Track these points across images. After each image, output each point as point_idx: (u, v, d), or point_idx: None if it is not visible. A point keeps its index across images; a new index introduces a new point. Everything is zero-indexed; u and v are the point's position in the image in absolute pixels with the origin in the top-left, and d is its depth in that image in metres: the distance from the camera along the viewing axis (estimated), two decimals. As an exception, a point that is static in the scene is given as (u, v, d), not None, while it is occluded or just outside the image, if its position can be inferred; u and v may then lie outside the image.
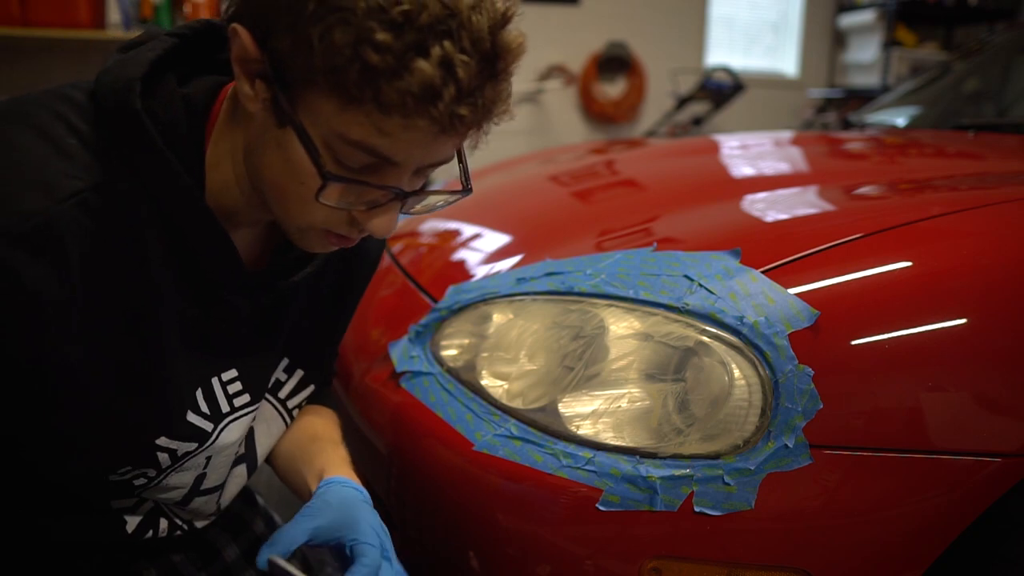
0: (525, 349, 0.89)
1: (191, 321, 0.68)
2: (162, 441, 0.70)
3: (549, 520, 0.80)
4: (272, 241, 0.77)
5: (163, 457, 0.71)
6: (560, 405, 0.83)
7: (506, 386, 0.88)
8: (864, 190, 1.16)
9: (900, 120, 2.03)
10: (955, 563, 0.83)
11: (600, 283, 0.89)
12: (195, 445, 0.72)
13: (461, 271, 1.13)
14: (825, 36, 5.15)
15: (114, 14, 3.03)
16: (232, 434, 0.76)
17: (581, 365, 0.85)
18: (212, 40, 0.68)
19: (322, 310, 0.85)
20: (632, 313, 0.86)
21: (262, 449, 0.84)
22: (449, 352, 0.94)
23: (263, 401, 0.82)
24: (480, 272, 1.09)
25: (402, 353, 0.95)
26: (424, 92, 0.54)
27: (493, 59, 0.57)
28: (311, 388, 0.87)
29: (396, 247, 1.38)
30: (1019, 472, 0.79)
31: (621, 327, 0.86)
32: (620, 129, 4.76)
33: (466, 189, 0.68)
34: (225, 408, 0.75)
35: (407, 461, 0.90)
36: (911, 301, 0.81)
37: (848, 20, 4.90)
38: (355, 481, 0.76)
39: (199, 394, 0.72)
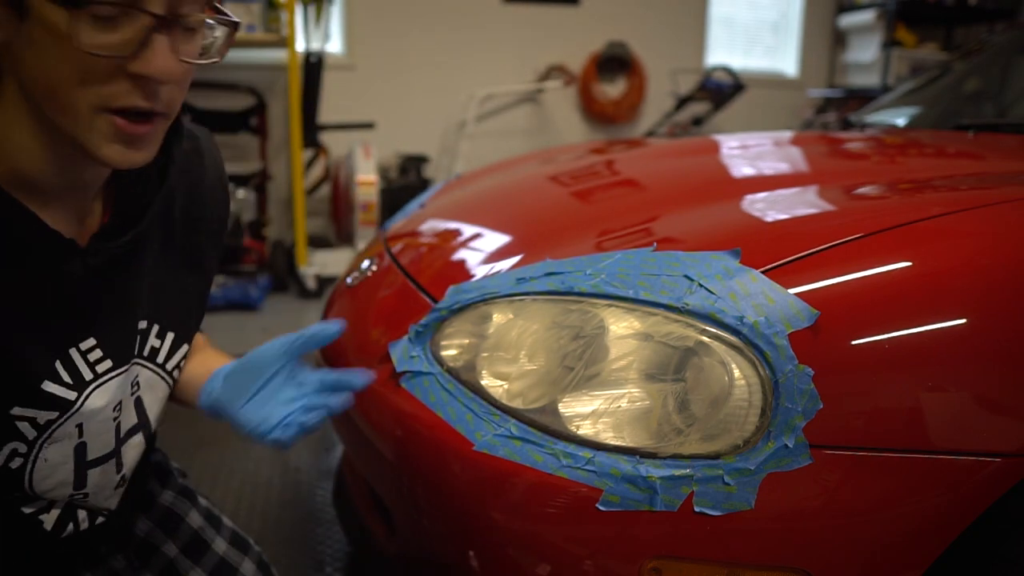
0: (525, 349, 0.89)
1: (31, 294, 0.69)
2: (16, 411, 0.70)
3: (549, 520, 0.80)
4: (108, 209, 0.77)
5: (24, 427, 0.71)
6: (560, 405, 0.83)
7: (506, 386, 0.88)
8: (864, 190, 1.16)
9: (900, 120, 2.02)
10: (955, 563, 0.83)
11: (600, 283, 0.89)
12: (56, 413, 0.73)
13: (461, 271, 1.13)
14: (825, 36, 5.15)
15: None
16: (99, 399, 0.76)
17: (581, 365, 0.85)
18: None
19: (178, 270, 0.85)
20: (632, 313, 0.86)
21: (153, 414, 0.87)
22: (449, 352, 0.94)
23: (144, 369, 0.83)
24: (480, 272, 1.09)
25: (402, 353, 0.95)
26: None
27: None
28: (186, 347, 0.88)
29: (396, 247, 1.38)
30: (1019, 472, 0.79)
31: (621, 327, 0.86)
32: (620, 129, 4.76)
33: (232, 24, 0.68)
34: (88, 376, 0.75)
35: (407, 461, 0.90)
36: (911, 301, 0.81)
37: (848, 20, 4.91)
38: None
39: (58, 364, 0.72)
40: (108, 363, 0.77)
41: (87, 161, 0.67)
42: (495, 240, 1.22)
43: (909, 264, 0.85)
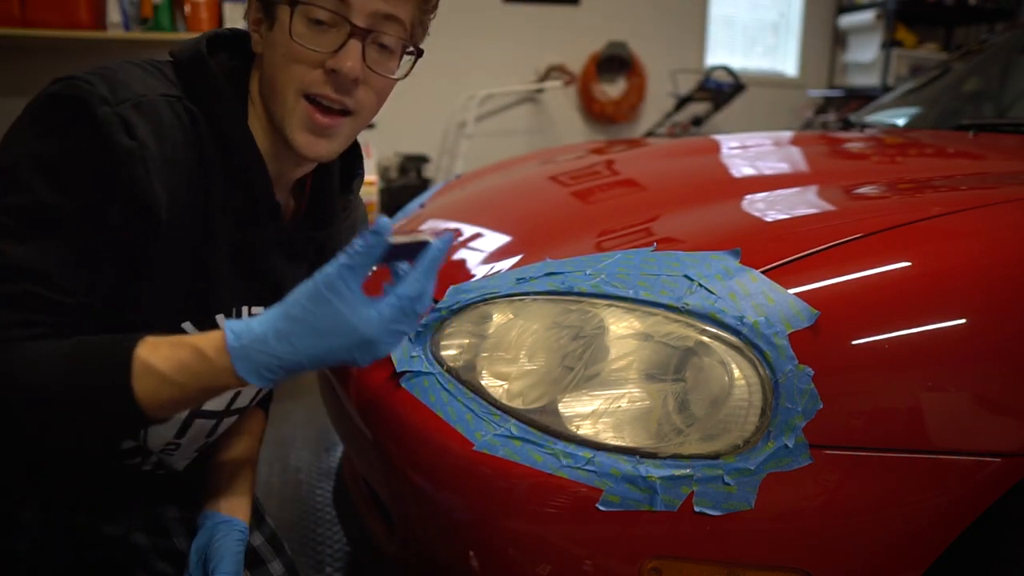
0: (525, 349, 0.89)
1: (240, 248, 0.86)
2: (187, 326, 0.84)
3: (549, 520, 0.80)
4: (301, 211, 0.96)
5: None
6: (560, 405, 0.83)
7: (506, 386, 0.88)
8: (864, 190, 1.16)
9: (900, 120, 2.02)
10: (955, 563, 0.83)
11: (600, 283, 0.89)
12: None
13: (461, 271, 1.13)
14: (825, 36, 5.15)
15: (114, 14, 3.03)
16: None
17: (581, 365, 0.85)
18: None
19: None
20: (632, 313, 0.86)
21: (250, 401, 0.99)
22: (449, 352, 0.94)
23: None
24: (480, 272, 1.09)
25: (402, 353, 0.95)
26: None
27: None
28: None
29: (396, 247, 1.38)
30: (1019, 472, 0.79)
31: (621, 327, 0.86)
32: (620, 129, 4.76)
33: (418, 52, 0.87)
34: None
35: (407, 461, 0.90)
36: (911, 301, 0.81)
37: (848, 20, 4.90)
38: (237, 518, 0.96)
39: (234, 311, 0.88)
40: None
41: (290, 152, 0.84)
42: (495, 240, 1.22)
43: (909, 264, 0.85)
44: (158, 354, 0.70)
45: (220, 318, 0.86)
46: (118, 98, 0.74)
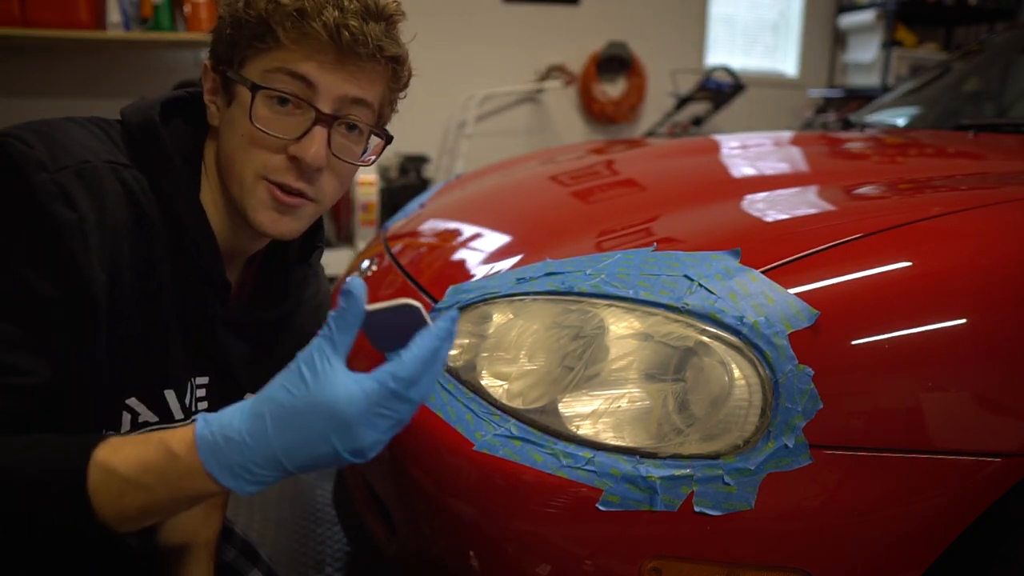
0: (525, 349, 0.89)
1: (188, 323, 0.81)
2: (132, 402, 0.79)
3: (549, 520, 0.80)
4: (252, 287, 0.91)
5: (125, 418, 0.79)
6: (560, 405, 0.83)
7: (506, 386, 0.88)
8: (864, 190, 1.16)
9: (900, 120, 2.02)
10: (955, 563, 0.83)
11: (600, 283, 0.89)
12: (157, 419, 0.81)
13: (461, 271, 1.13)
14: (825, 36, 5.14)
15: (114, 14, 3.03)
16: None
17: (581, 365, 0.85)
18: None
19: (271, 360, 0.91)
20: (632, 313, 0.86)
21: None
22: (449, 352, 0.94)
23: None
24: (480, 272, 1.09)
25: (402, 353, 0.95)
26: (313, 5, 0.72)
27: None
28: None
29: (396, 247, 1.38)
30: (1019, 472, 0.79)
31: (621, 327, 0.86)
32: (620, 129, 4.76)
33: (387, 137, 0.83)
34: (193, 408, 0.85)
35: (407, 461, 0.90)
36: (911, 301, 0.81)
37: (848, 20, 4.90)
38: None
39: (182, 382, 0.83)
40: (205, 404, 0.87)
41: (247, 228, 0.79)
42: (495, 240, 1.22)
43: (909, 264, 0.85)
44: (119, 455, 0.61)
45: (169, 393, 0.82)
46: (58, 163, 0.68)
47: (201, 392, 0.86)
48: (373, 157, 0.83)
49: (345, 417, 0.58)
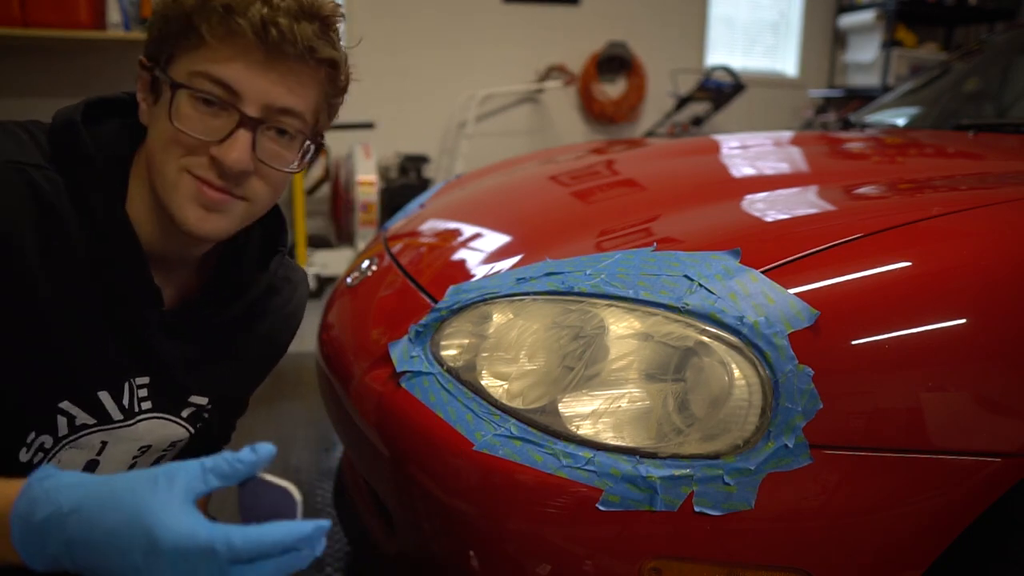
0: (525, 349, 0.89)
1: (118, 325, 0.78)
2: (65, 405, 0.77)
3: (549, 520, 0.80)
4: (202, 288, 0.88)
5: (61, 422, 0.78)
6: (560, 405, 0.83)
7: (506, 386, 0.88)
8: (864, 190, 1.16)
9: (900, 120, 2.02)
10: (955, 563, 0.83)
11: (600, 283, 0.89)
12: (94, 421, 0.80)
13: (461, 271, 1.13)
14: (825, 36, 5.14)
15: (114, 14, 3.03)
16: (136, 432, 0.84)
17: (581, 365, 0.85)
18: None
19: (232, 363, 0.92)
20: (632, 313, 0.86)
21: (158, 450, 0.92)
22: (449, 352, 0.94)
23: (178, 426, 0.89)
24: (480, 272, 1.09)
25: (402, 353, 0.95)
26: (240, 1, 0.69)
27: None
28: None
29: (396, 247, 1.38)
30: (1019, 472, 0.79)
31: (621, 327, 0.86)
32: (620, 129, 4.76)
33: (319, 146, 0.80)
34: (130, 405, 0.83)
35: (407, 461, 0.90)
36: (911, 301, 0.81)
37: (848, 20, 4.90)
38: None
39: (116, 384, 0.81)
40: (149, 403, 0.85)
41: (182, 235, 0.76)
42: (495, 240, 1.22)
43: (909, 264, 0.85)
44: None
45: (104, 395, 0.80)
46: None
47: (143, 392, 0.84)
48: (295, 165, 0.78)
49: (156, 539, 0.53)
